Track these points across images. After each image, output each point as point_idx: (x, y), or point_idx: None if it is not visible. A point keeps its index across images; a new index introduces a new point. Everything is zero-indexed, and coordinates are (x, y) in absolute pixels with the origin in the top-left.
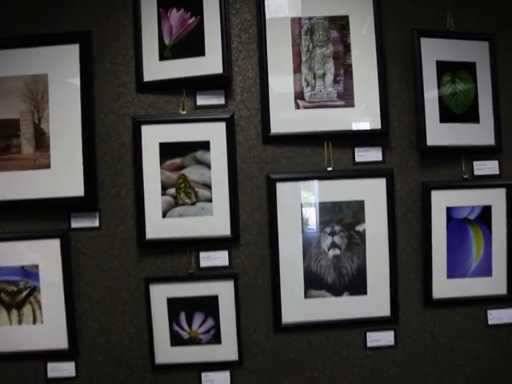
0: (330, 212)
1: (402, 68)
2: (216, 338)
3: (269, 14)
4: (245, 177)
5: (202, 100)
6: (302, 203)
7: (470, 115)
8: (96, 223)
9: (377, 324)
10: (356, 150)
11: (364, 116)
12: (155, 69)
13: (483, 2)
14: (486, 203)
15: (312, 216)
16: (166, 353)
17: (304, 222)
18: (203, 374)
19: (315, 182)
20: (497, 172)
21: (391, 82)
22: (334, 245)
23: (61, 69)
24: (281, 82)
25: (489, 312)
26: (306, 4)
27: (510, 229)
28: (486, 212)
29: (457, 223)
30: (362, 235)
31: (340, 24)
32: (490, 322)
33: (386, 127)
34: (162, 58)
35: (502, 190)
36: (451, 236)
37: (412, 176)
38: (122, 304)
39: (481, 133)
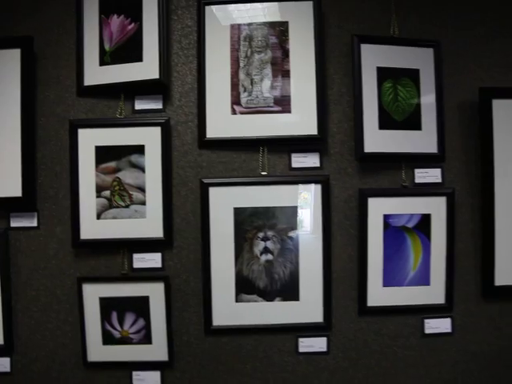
0: (263, 217)
1: (344, 73)
2: (147, 338)
3: (209, 19)
4: (180, 181)
5: (140, 105)
6: (234, 208)
7: (411, 122)
8: (34, 223)
9: (309, 330)
10: (293, 155)
11: (301, 122)
12: (95, 73)
13: (429, 9)
14: (425, 211)
15: (244, 221)
16: (98, 351)
17: (236, 227)
18: (134, 373)
19: (248, 188)
20: (439, 180)
21: (332, 87)
22: (266, 250)
23: (1, 73)
24: (218, 87)
25: (426, 321)
26: (246, 10)
27: (449, 238)
28: (425, 220)
29: (394, 231)
30: (295, 241)
31: (279, 30)
32: (426, 331)
33: (323, 133)
34: (103, 63)
35: (443, 199)
36: (388, 244)
37: (350, 183)
38: (57, 302)
39: (423, 140)
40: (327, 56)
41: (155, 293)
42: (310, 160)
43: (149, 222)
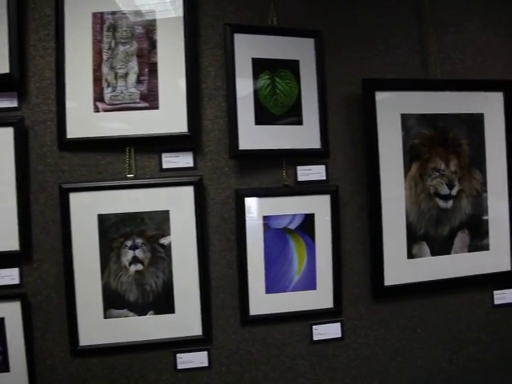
0: (131, 224)
1: (220, 66)
2: (4, 366)
3: (69, 7)
4: (38, 187)
5: None
6: (98, 215)
7: (291, 117)
8: None
9: (188, 344)
10: (163, 155)
11: (170, 119)
12: None
13: None
14: (308, 211)
15: (110, 228)
16: None
17: (101, 236)
18: None
19: (114, 192)
20: (323, 177)
21: (206, 80)
22: (135, 259)
23: None
24: (79, 82)
25: (314, 327)
26: None
27: (335, 238)
28: (308, 221)
29: (275, 233)
30: (167, 248)
31: (146, 19)
32: (315, 338)
33: (194, 130)
34: None
35: (327, 197)
36: (269, 248)
37: (227, 183)
38: None
39: (305, 135)
40: (201, 47)
41: (12, 313)
42: (183, 160)
43: (2, 234)
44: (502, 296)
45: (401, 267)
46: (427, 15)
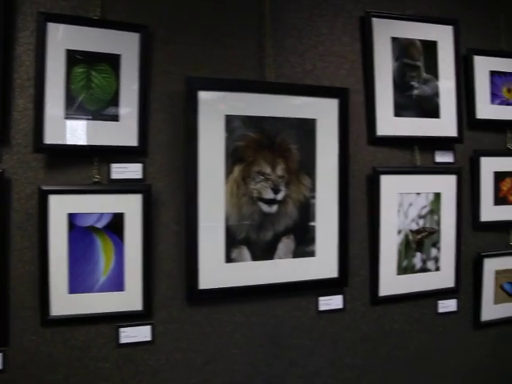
0: None
1: (35, 56)
2: None
3: None
4: None
5: None
6: None
7: (107, 112)
8: None
9: None
10: None
11: None
12: None
13: None
14: (117, 210)
15: None
16: None
17: None
18: None
19: None
20: (140, 176)
21: (20, 70)
22: None
23: None
24: None
25: (121, 330)
26: None
27: (146, 239)
28: (117, 220)
29: (81, 232)
30: None
31: None
32: (122, 341)
33: None
34: None
35: (138, 196)
36: (74, 246)
37: (34, 178)
38: None
39: (121, 132)
40: (17, 35)
41: None
42: None
43: None
44: (328, 302)
45: (218, 271)
46: (267, 17)
